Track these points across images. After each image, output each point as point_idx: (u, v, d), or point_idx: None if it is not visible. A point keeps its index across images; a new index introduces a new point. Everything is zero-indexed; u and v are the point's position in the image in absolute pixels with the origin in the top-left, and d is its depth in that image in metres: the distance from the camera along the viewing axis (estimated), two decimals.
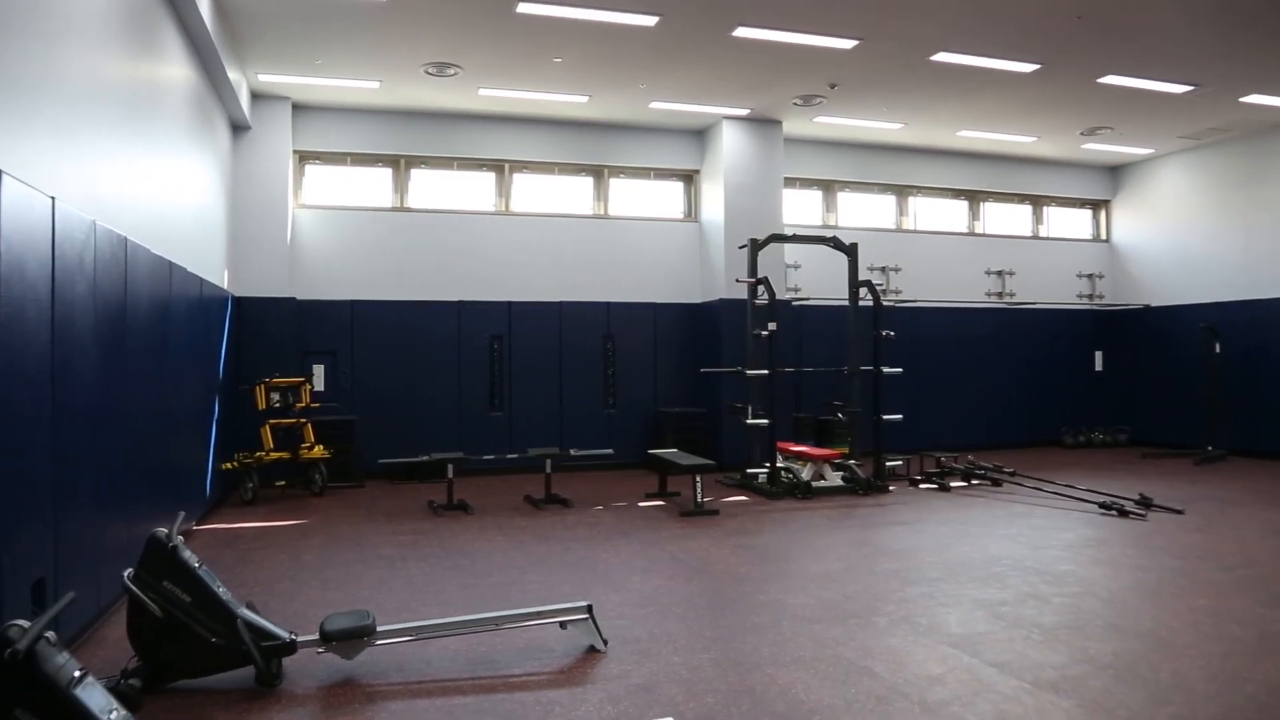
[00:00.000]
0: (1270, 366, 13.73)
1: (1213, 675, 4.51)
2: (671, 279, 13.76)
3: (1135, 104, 12.33)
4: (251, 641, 4.38)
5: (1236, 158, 14.44)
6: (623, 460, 12.50)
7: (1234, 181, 14.50)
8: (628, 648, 5.01)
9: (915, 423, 12.78)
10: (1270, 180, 13.91)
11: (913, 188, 15.36)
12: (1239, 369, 14.03)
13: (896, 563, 7.13)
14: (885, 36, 9.80)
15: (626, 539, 8.16)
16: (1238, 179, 14.43)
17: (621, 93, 11.82)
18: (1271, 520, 8.74)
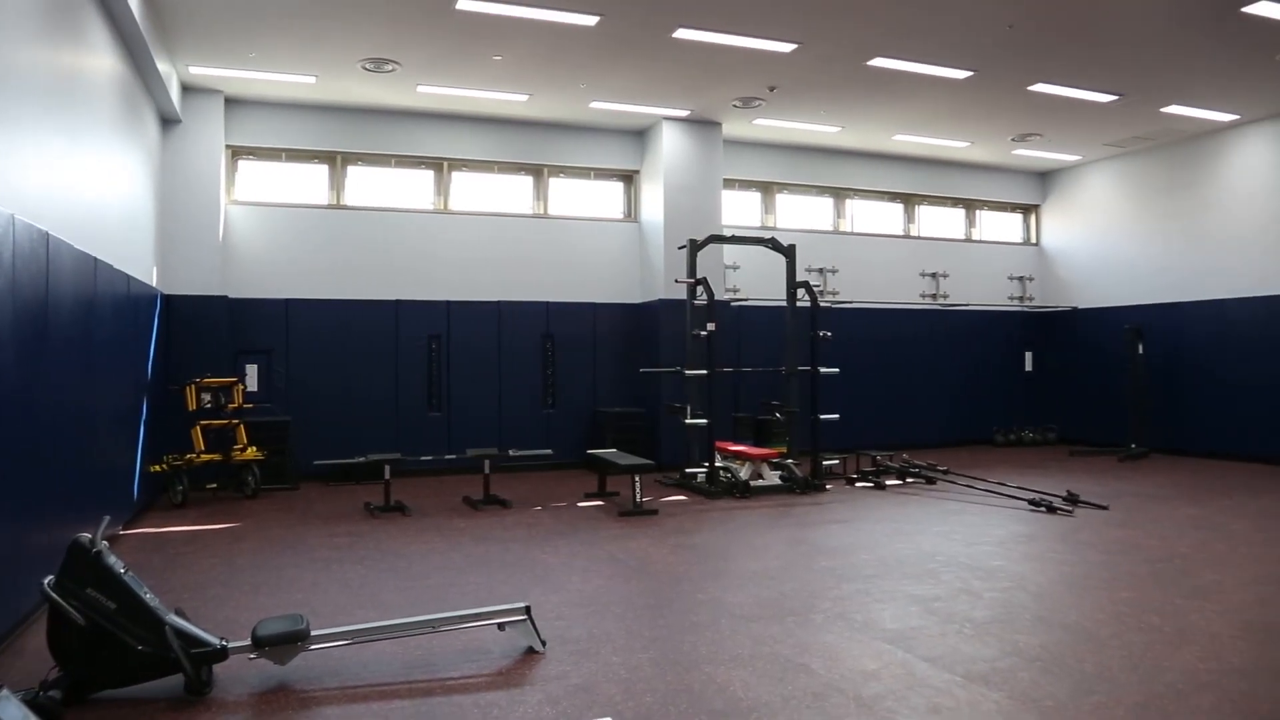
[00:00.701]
0: (1189, 367, 14.23)
1: (1134, 665, 4.66)
2: (611, 279, 13.76)
3: (1063, 112, 12.67)
4: (180, 649, 4.27)
5: (1158, 165, 14.93)
6: (562, 460, 12.47)
7: (1156, 188, 14.98)
8: (566, 648, 5.00)
9: (852, 422, 12.95)
10: (1189, 188, 14.41)
11: (850, 190, 15.58)
12: (1160, 370, 14.51)
13: (833, 560, 7.23)
14: (823, 41, 9.92)
15: (565, 539, 8.15)
16: (1159, 186, 14.92)
17: (562, 92, 11.79)
18: (1191, 515, 9.05)
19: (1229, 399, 13.65)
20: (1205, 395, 14.01)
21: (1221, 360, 13.77)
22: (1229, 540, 7.82)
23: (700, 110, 12.81)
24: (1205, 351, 14.03)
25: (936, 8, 8.97)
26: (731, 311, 13.52)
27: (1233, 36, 9.80)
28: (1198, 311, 14.16)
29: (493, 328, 12.94)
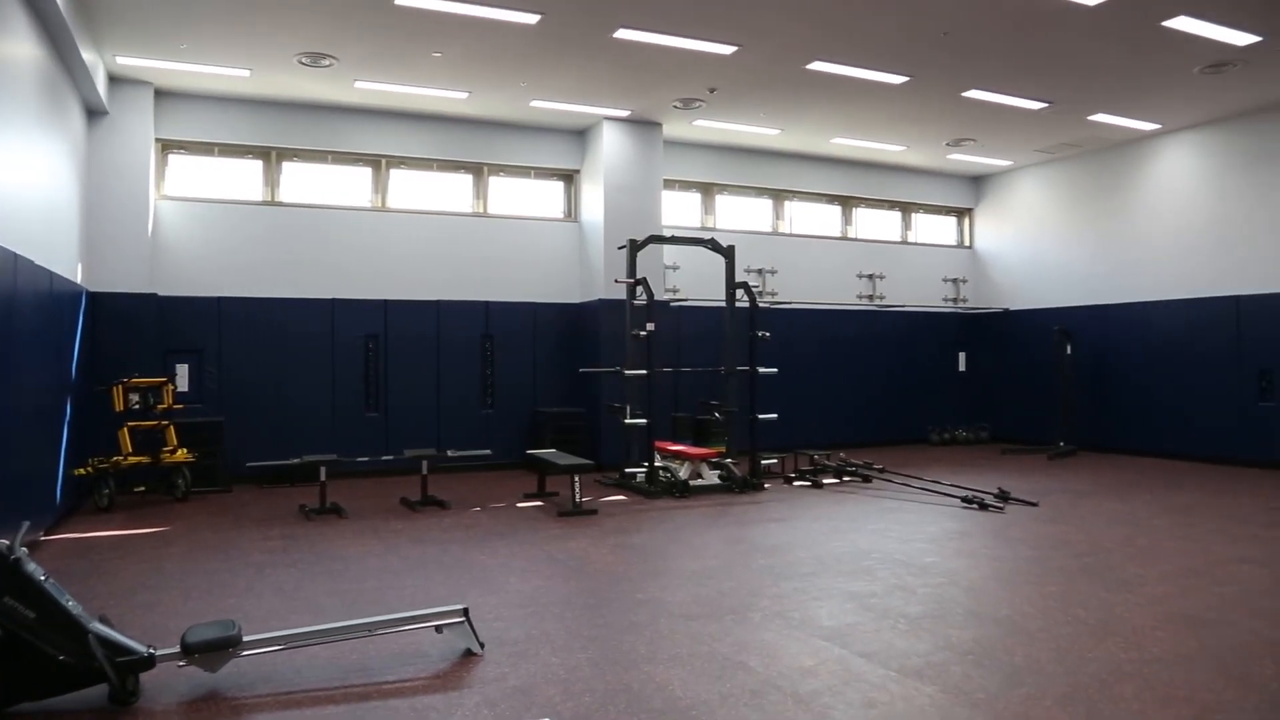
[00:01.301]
0: (1114, 368, 14.67)
1: (1061, 656, 4.79)
2: (551, 279, 13.72)
3: (995, 118, 12.97)
4: (105, 658, 4.15)
5: (1086, 172, 15.36)
6: (501, 461, 12.40)
7: (1084, 193, 15.42)
8: (505, 650, 4.97)
9: (790, 421, 13.10)
10: (1114, 193, 14.86)
11: (789, 192, 15.74)
12: (1088, 370, 14.93)
13: (771, 559, 7.30)
14: (763, 44, 10.01)
15: (504, 540, 8.10)
16: (1087, 191, 15.35)
17: (502, 90, 11.72)
18: (1116, 511, 9.33)
19: (1151, 398, 14.11)
20: (1129, 395, 14.46)
21: (1145, 361, 14.22)
22: (1151, 535, 8.08)
23: (641, 111, 12.84)
24: (1129, 352, 14.47)
25: (874, 14, 9.11)
26: (671, 312, 13.58)
27: (1154, 49, 10.12)
28: (1122, 313, 14.61)
29: (431, 327, 12.81)
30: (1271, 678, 4.46)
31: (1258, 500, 9.94)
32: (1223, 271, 13.23)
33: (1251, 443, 12.76)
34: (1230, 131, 13.23)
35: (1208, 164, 13.56)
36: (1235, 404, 12.99)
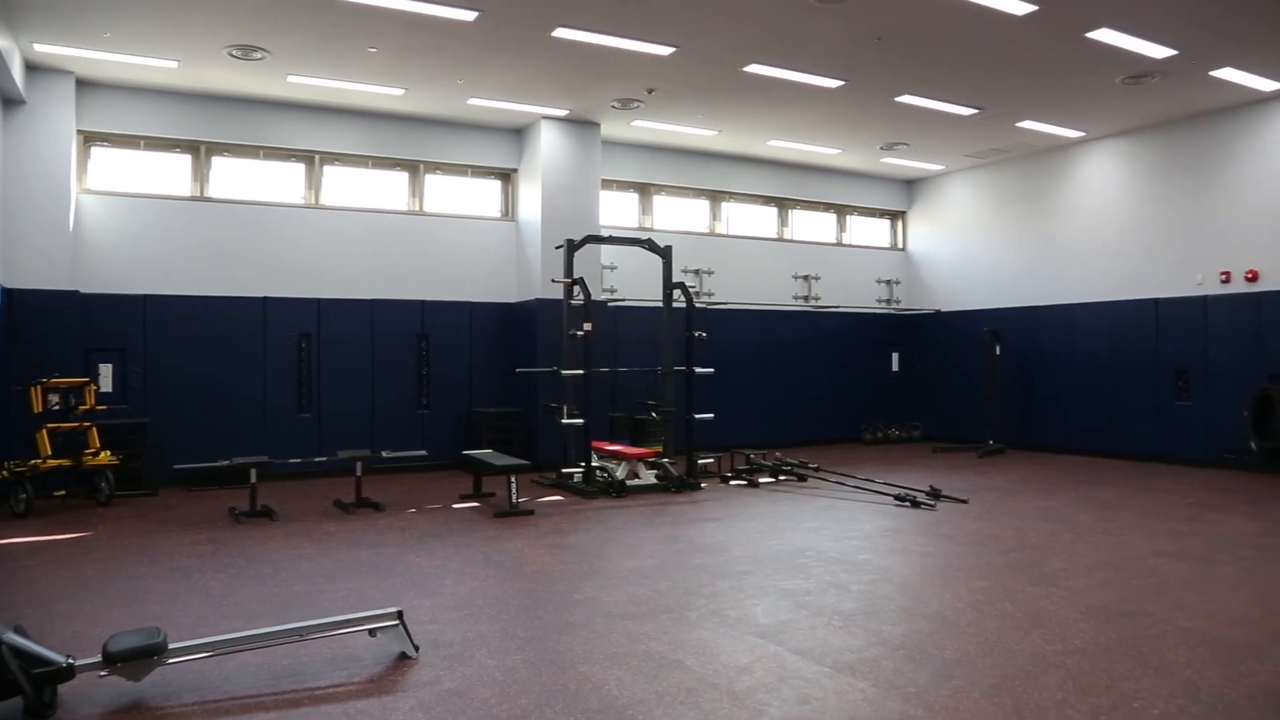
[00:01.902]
0: (1042, 367, 15.08)
1: (989, 650, 4.90)
2: (488, 278, 13.62)
3: (928, 123, 13.23)
4: (19, 669, 4.00)
5: (1014, 176, 15.75)
6: (437, 461, 12.30)
7: (1012, 198, 15.81)
8: (440, 652, 4.93)
9: (726, 421, 13.22)
10: (1042, 198, 15.26)
11: (726, 193, 15.85)
12: (1016, 370, 15.32)
13: (707, 557, 7.35)
14: (701, 45, 10.07)
15: (440, 542, 8.03)
16: (1015, 196, 15.75)
17: (439, 87, 11.60)
18: (1042, 507, 9.58)
19: (1076, 397, 14.53)
20: (1055, 394, 14.87)
21: (1070, 361, 14.64)
22: (1075, 530, 8.32)
23: (579, 110, 12.82)
24: (1055, 353, 14.88)
25: (810, 18, 9.22)
26: (608, 312, 13.59)
27: (1079, 60, 10.43)
28: (1049, 315, 15.02)
29: (366, 326, 12.63)
30: (1184, 665, 4.63)
31: (1174, 496, 10.30)
32: (1143, 275, 13.69)
33: (1169, 440, 13.22)
34: (1150, 140, 13.68)
35: (1129, 171, 14.01)
36: (1154, 403, 13.45)
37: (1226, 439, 12.44)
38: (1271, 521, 8.67)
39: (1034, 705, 4.12)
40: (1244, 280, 12.44)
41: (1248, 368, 12.28)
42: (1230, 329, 12.56)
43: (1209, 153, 12.93)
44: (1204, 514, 9.13)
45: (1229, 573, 6.65)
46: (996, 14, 9.01)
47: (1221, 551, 7.37)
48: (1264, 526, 8.43)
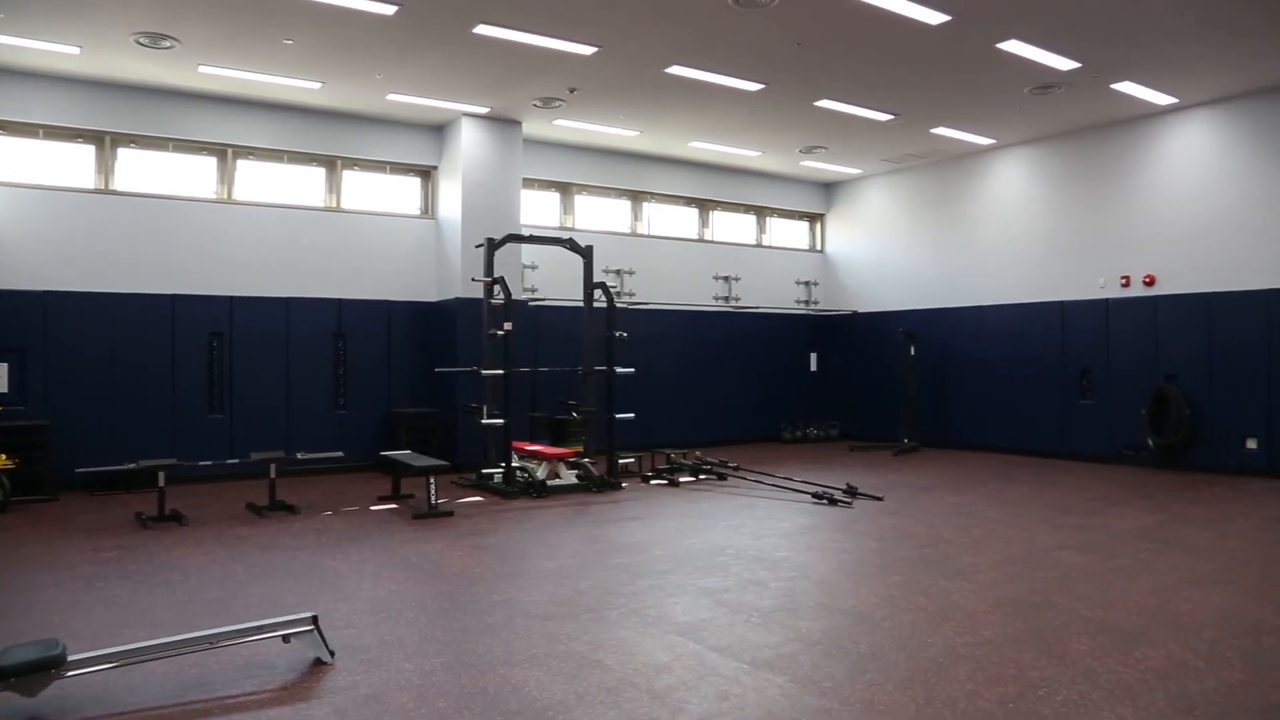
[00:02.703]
0: (954, 367, 15.50)
1: (902, 643, 5.02)
2: (407, 276, 13.43)
3: (846, 127, 13.48)
4: None
5: (929, 181, 16.16)
6: (354, 463, 12.09)
7: (927, 202, 16.21)
8: (356, 657, 4.85)
9: (647, 421, 13.27)
10: (955, 203, 15.69)
11: (647, 194, 15.91)
12: (930, 370, 15.71)
13: (628, 557, 7.37)
14: (623, 46, 10.09)
15: (357, 544, 7.89)
16: (930, 200, 16.15)
17: (357, 82, 11.39)
18: (954, 504, 9.85)
19: (987, 397, 14.97)
20: (967, 393, 15.30)
21: (981, 361, 15.07)
22: (985, 525, 8.57)
23: (500, 108, 12.72)
24: (967, 353, 15.31)
25: (731, 22, 9.30)
26: (529, 311, 13.53)
27: (990, 69, 10.74)
28: (961, 316, 15.44)
29: (281, 325, 12.33)
30: (1086, 653, 4.81)
31: (1078, 492, 10.68)
32: (1050, 278, 14.18)
33: (1074, 438, 13.72)
34: (1056, 149, 14.18)
35: (1037, 178, 14.49)
36: (1060, 402, 13.94)
37: (1126, 437, 12.96)
38: (1167, 515, 9.07)
39: (945, 696, 4.23)
40: (1142, 284, 12.99)
41: (1145, 368, 12.83)
42: (1130, 331, 13.09)
43: (1111, 162, 13.46)
44: (1105, 509, 9.50)
45: (1127, 565, 6.93)
46: (912, 23, 9.23)
47: (1121, 544, 7.68)
48: (1160, 520, 8.81)
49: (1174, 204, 12.70)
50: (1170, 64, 10.75)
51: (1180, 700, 4.18)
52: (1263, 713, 4.04)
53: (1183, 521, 8.73)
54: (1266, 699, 4.21)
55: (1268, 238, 11.72)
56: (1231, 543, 7.74)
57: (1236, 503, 9.81)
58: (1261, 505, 9.61)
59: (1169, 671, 4.56)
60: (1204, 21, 9.35)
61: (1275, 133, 11.69)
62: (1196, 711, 4.05)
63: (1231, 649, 4.92)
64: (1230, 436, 11.99)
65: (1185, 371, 12.41)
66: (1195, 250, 12.43)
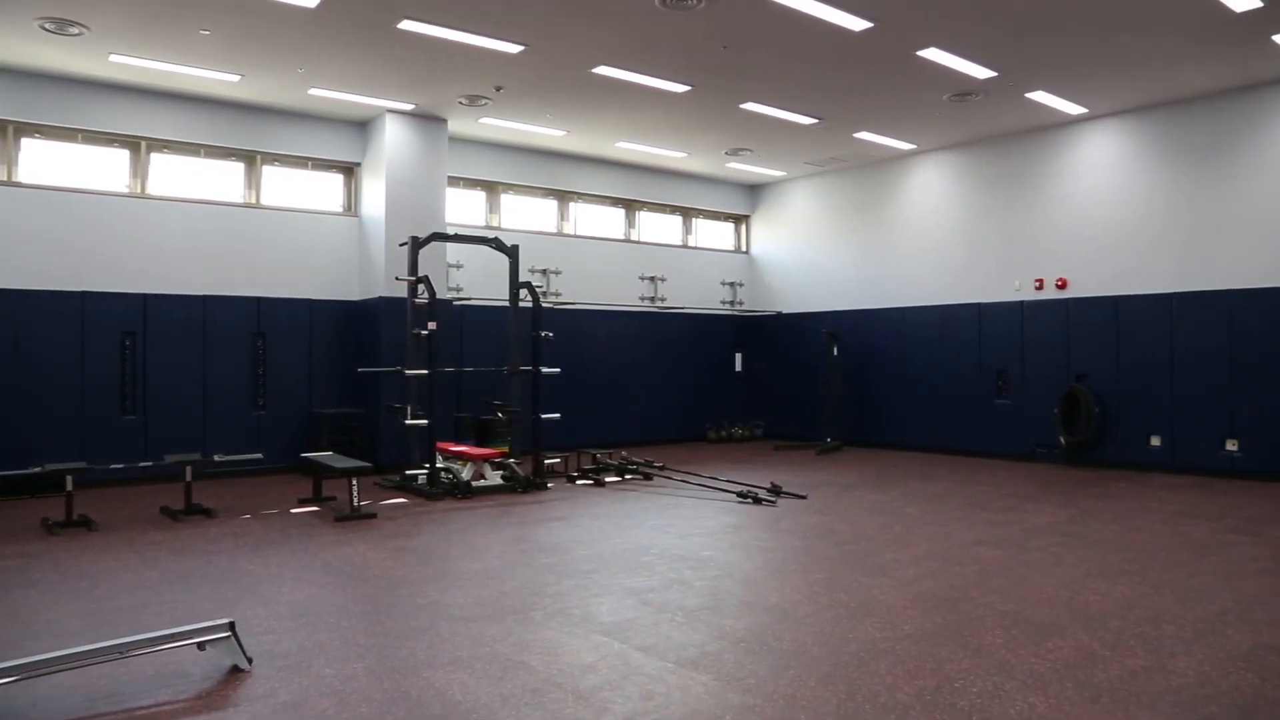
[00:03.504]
0: (876, 367, 15.80)
1: (824, 639, 5.11)
2: (329, 275, 13.18)
3: (771, 130, 13.65)
4: None
5: (852, 184, 16.45)
6: (274, 465, 11.83)
7: (850, 205, 16.50)
8: (275, 664, 4.74)
9: (573, 421, 13.25)
10: (877, 206, 16.01)
11: (574, 194, 15.89)
12: (853, 370, 15.99)
13: (553, 557, 7.35)
14: (550, 45, 10.05)
15: (276, 548, 7.72)
16: (853, 203, 16.45)
17: (278, 75, 11.13)
18: (876, 501, 10.05)
19: (908, 396, 15.30)
20: (889, 393, 15.62)
21: (902, 361, 15.40)
22: (905, 522, 8.76)
23: (426, 105, 12.57)
24: (889, 354, 15.62)
25: (658, 23, 9.34)
26: (454, 310, 13.40)
27: (910, 76, 10.98)
28: (883, 318, 15.76)
29: (197, 324, 11.98)
30: (1000, 646, 4.96)
31: (994, 489, 10.99)
32: (968, 281, 14.56)
33: (990, 436, 14.11)
34: (974, 155, 14.57)
35: (956, 183, 14.87)
36: (978, 401, 14.32)
37: (1040, 435, 13.38)
38: (1077, 510, 9.39)
39: (865, 690, 4.32)
40: (1055, 287, 13.42)
41: (1058, 369, 13.26)
42: (1043, 333, 13.52)
43: (1026, 169, 13.89)
44: (1020, 505, 9.79)
45: (1040, 559, 7.16)
46: (835, 29, 9.39)
47: (1034, 539, 7.93)
48: (1071, 515, 9.12)
49: (1085, 210, 13.16)
50: (1080, 76, 11.14)
51: (1088, 689, 4.33)
52: (1162, 696, 4.22)
53: (1091, 516, 9.05)
54: (1166, 684, 4.39)
55: (1171, 243, 12.22)
56: (1136, 536, 8.05)
57: (1140, 497, 10.21)
58: (1163, 500, 10.02)
59: (1077, 661, 4.72)
60: (1111, 36, 9.71)
61: (1178, 143, 12.20)
62: (1103, 699, 4.20)
63: (1134, 637, 5.12)
64: (1136, 434, 12.47)
65: (1094, 372, 12.87)
66: (1104, 255, 12.90)
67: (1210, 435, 11.78)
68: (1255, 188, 11.51)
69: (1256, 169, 11.50)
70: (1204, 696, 4.24)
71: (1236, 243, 11.65)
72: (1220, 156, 11.82)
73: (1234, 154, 11.71)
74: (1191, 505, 9.67)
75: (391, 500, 10.31)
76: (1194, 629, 5.29)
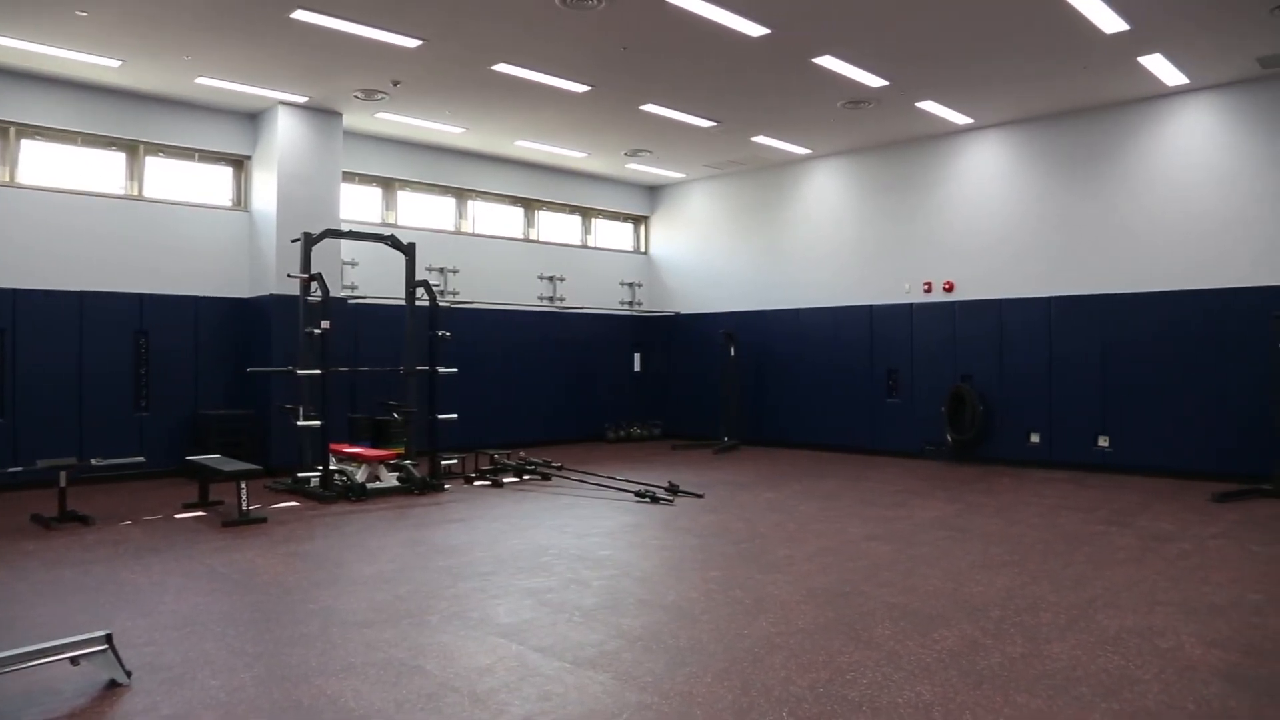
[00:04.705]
0: (772, 367, 16.09)
1: (720, 636, 5.18)
2: (217, 271, 12.72)
3: (670, 132, 13.76)
4: None
5: (749, 187, 16.71)
6: (158, 469, 11.38)
7: (747, 207, 16.76)
8: (157, 676, 4.56)
9: (471, 421, 13.13)
10: (774, 208, 16.30)
11: (473, 192, 15.72)
12: (750, 370, 16.25)
13: (450, 559, 7.26)
14: (449, 41, 9.92)
15: (159, 556, 7.42)
16: (750, 205, 16.71)
17: (162, 62, 10.68)
18: (771, 499, 10.23)
19: (802, 396, 15.63)
20: (784, 393, 15.93)
21: (797, 362, 15.72)
22: (799, 520, 8.95)
23: (320, 98, 12.25)
24: (785, 354, 15.93)
25: (559, 22, 9.31)
26: (349, 309, 13.11)
27: (806, 82, 11.22)
28: (779, 318, 16.06)
29: (73, 321, 11.40)
30: (889, 637, 5.11)
31: (885, 485, 11.32)
32: (860, 283, 14.97)
33: (881, 434, 14.53)
34: (867, 160, 14.98)
35: (849, 188, 15.26)
36: (869, 401, 14.73)
37: (928, 433, 13.85)
38: (963, 505, 9.75)
39: (760, 684, 4.40)
40: (943, 290, 13.91)
41: (945, 369, 13.75)
42: (931, 334, 14.00)
43: (916, 175, 14.35)
44: (909, 500, 10.11)
45: (927, 553, 7.41)
46: (734, 34, 9.52)
47: (922, 534, 8.20)
48: (956, 510, 9.46)
49: (971, 216, 13.68)
50: (966, 88, 11.57)
51: (970, 675, 4.51)
52: (1039, 680, 4.42)
53: (976, 511, 9.41)
54: (1042, 668, 4.61)
55: (1050, 250, 12.80)
56: (1016, 529, 8.40)
57: (1021, 492, 10.66)
58: (1041, 494, 10.49)
59: (962, 650, 4.91)
60: (994, 52, 10.12)
61: (1056, 155, 12.79)
62: (984, 685, 4.38)
63: (1014, 625, 5.35)
64: (1017, 431, 13.02)
65: (979, 372, 13.39)
66: (989, 259, 13.43)
67: (1084, 432, 12.39)
68: (1124, 199, 12.15)
69: (1125, 182, 12.15)
70: (1075, 678, 4.47)
71: (1108, 251, 12.28)
72: (1094, 169, 12.45)
73: (1107, 167, 12.34)
74: (1067, 498, 10.15)
75: (283, 504, 10.02)
76: (1068, 616, 5.56)
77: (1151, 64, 10.55)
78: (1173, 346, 11.67)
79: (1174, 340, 11.66)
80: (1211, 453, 11.31)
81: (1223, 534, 8.14)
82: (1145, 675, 4.53)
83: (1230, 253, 11.30)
